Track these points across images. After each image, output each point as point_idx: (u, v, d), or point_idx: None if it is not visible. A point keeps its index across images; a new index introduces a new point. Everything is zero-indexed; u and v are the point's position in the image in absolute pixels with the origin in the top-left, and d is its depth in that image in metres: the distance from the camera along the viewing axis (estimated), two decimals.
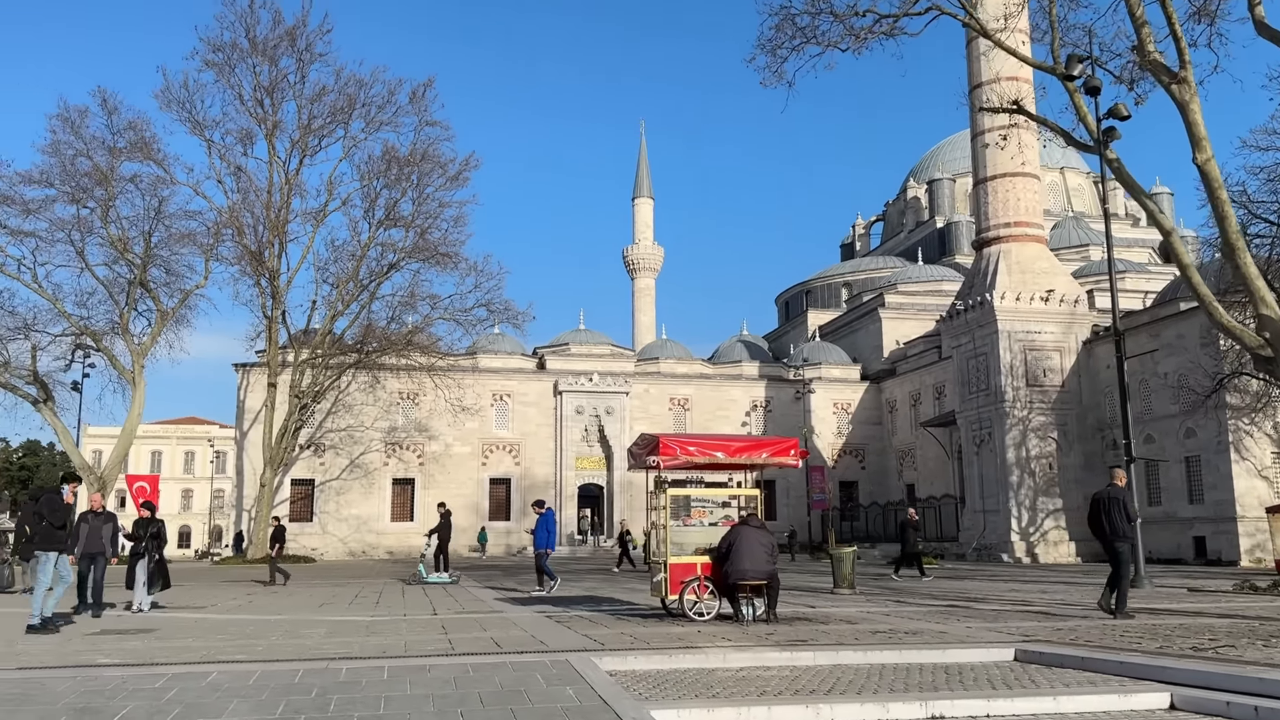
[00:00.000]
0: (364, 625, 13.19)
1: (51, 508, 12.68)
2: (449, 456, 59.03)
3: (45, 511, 12.72)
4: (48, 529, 12.61)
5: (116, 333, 46.91)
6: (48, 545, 12.57)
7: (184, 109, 46.15)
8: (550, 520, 20.26)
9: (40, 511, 12.75)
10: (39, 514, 12.73)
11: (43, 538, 12.61)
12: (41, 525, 12.64)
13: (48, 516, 12.66)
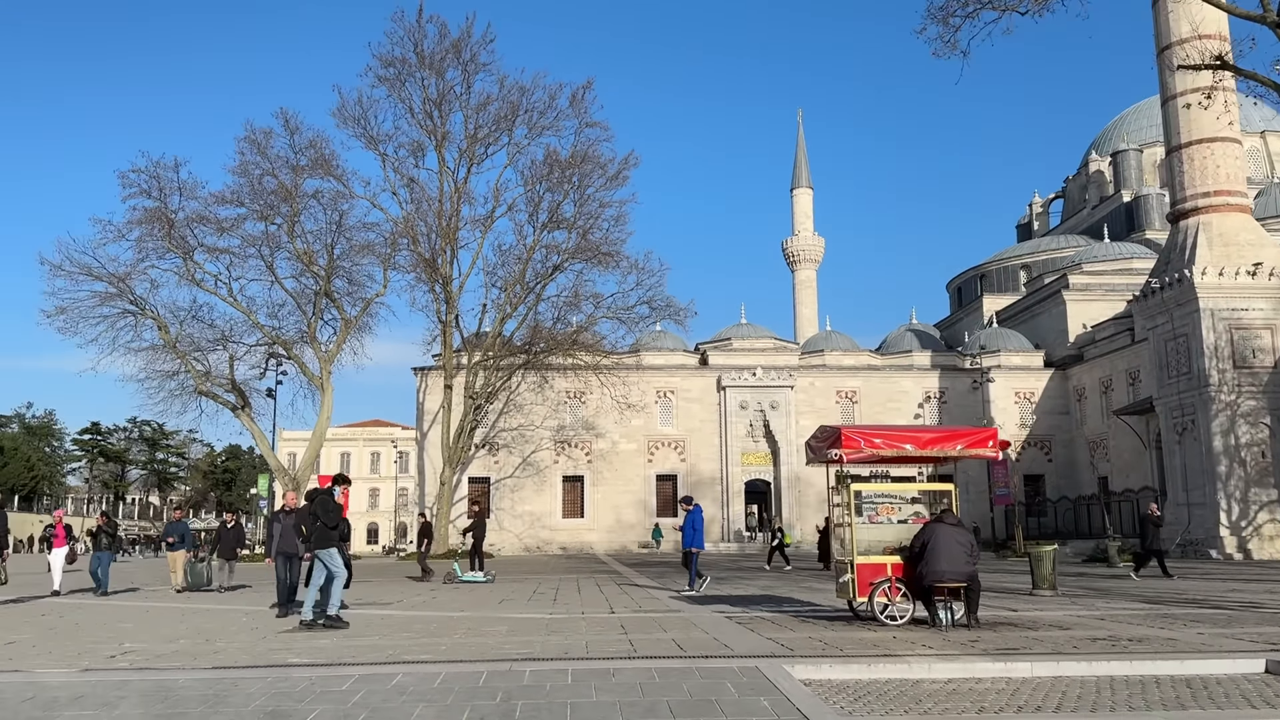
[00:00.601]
0: (543, 624, 13.03)
1: (325, 509, 12.97)
2: (615, 454, 59.47)
3: (319, 512, 12.97)
4: (322, 529, 12.86)
5: (305, 341, 49.50)
6: (323, 544, 12.81)
7: (359, 125, 48.28)
8: (698, 518, 19.75)
9: (315, 512, 13.02)
10: (314, 514, 13.00)
11: (318, 537, 12.85)
12: (316, 525, 12.90)
13: (322, 517, 12.92)
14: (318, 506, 13.08)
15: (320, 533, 12.92)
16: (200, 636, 11.95)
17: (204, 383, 47.67)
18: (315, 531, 12.92)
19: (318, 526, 12.92)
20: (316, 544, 12.87)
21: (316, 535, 12.91)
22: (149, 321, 47.16)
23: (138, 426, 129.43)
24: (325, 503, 13.14)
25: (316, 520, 12.95)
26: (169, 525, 22.85)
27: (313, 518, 13.03)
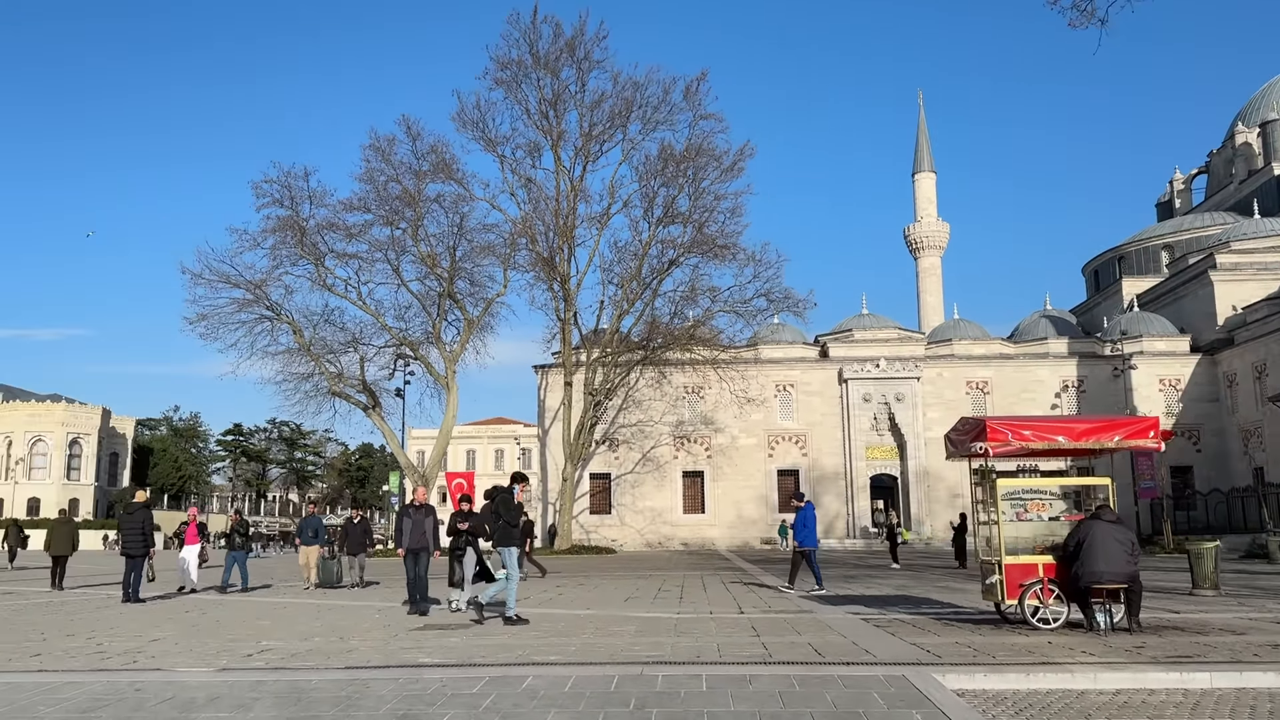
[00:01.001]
0: (671, 624, 12.70)
1: (506, 506, 12.91)
2: (735, 449, 58.86)
3: (501, 510, 12.91)
4: (504, 527, 12.80)
5: (431, 342, 50.61)
6: (505, 542, 12.77)
7: (477, 128, 49.02)
8: (809, 515, 19.08)
9: (497, 510, 12.97)
10: (496, 512, 12.96)
11: (500, 535, 12.80)
12: (499, 523, 12.85)
13: (504, 514, 12.86)
14: (499, 504, 12.98)
15: (503, 531, 12.79)
16: (334, 634, 12.07)
17: (337, 384, 49.23)
18: (498, 529, 12.82)
19: (500, 524, 12.81)
20: (499, 541, 12.80)
21: (499, 533, 12.79)
22: (284, 326, 48.99)
23: (277, 427, 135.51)
24: (507, 500, 13.02)
25: (499, 518, 12.86)
26: (302, 520, 22.79)
27: (495, 515, 12.96)
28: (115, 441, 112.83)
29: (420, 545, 14.70)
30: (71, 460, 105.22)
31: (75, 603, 17.93)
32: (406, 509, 14.97)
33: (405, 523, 14.84)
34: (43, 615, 15.20)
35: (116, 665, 9.23)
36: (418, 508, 15.02)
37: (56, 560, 23.03)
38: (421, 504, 15.11)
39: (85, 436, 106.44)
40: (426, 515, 14.90)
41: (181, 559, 21.26)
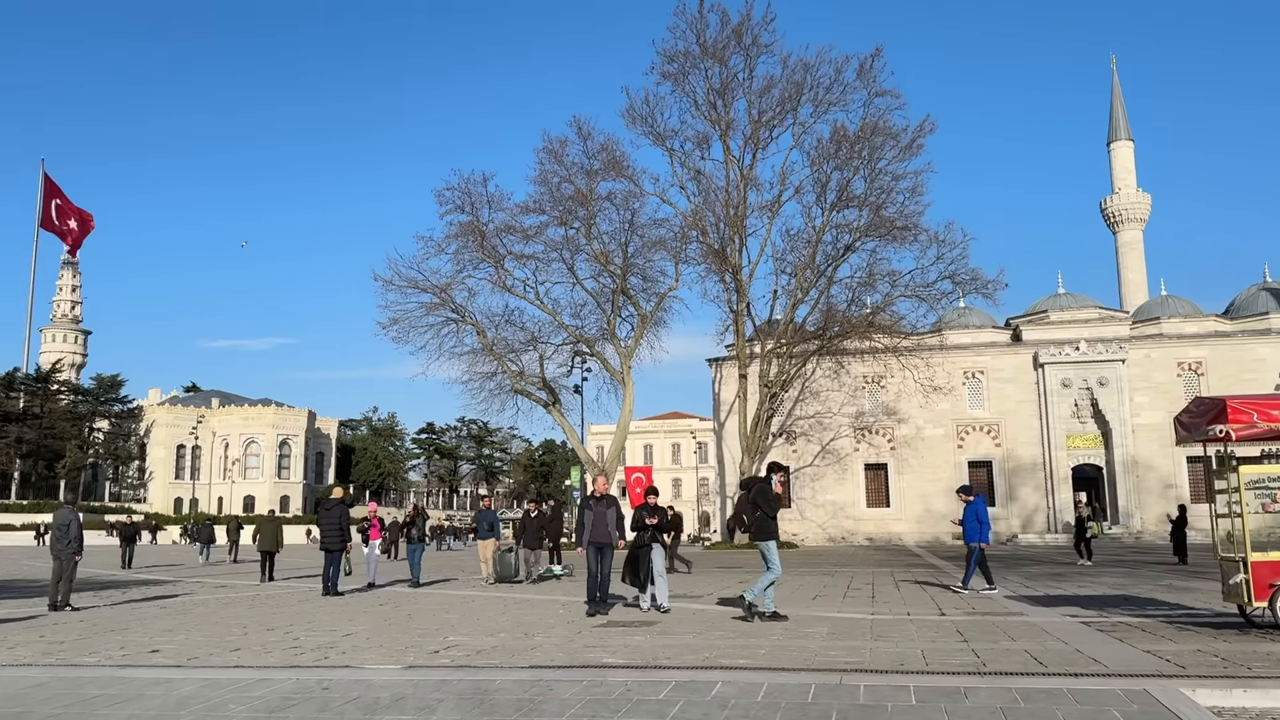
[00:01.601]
0: (866, 625, 11.90)
1: (765, 497, 12.26)
2: (920, 439, 56.55)
3: (760, 501, 12.25)
4: (763, 519, 12.20)
5: (606, 339, 51.09)
6: (763, 535, 12.21)
7: (646, 124, 49.01)
8: (981, 509, 17.57)
9: (755, 500, 12.32)
10: (754, 503, 12.30)
11: (759, 528, 12.23)
12: (757, 515, 12.25)
13: (762, 506, 12.22)
14: (757, 495, 12.31)
15: (761, 523, 12.18)
16: (519, 630, 11.95)
17: (518, 382, 50.41)
18: (756, 522, 12.20)
19: (758, 516, 12.18)
20: (757, 535, 12.23)
21: (758, 525, 12.18)
22: (469, 327, 50.57)
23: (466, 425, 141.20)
24: (764, 491, 12.32)
25: (757, 509, 12.20)
26: (478, 514, 22.56)
27: (753, 506, 12.30)
28: (321, 441, 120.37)
29: (603, 540, 13.87)
30: (282, 460, 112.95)
31: (279, 596, 18.77)
32: (587, 501, 14.11)
33: (586, 516, 13.92)
34: (248, 609, 15.91)
35: (309, 661, 9.33)
36: (599, 499, 14.06)
37: (265, 555, 24.79)
38: (603, 495, 14.15)
39: (293, 437, 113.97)
40: (608, 507, 13.95)
41: (367, 554, 21.88)
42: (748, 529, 12.57)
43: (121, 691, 7.53)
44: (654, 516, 13.92)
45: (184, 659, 9.60)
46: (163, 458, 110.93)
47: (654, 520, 13.87)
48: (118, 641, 11.18)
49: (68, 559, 15.64)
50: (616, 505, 14.08)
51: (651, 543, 13.82)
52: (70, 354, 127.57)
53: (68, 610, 15.25)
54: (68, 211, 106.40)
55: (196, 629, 12.62)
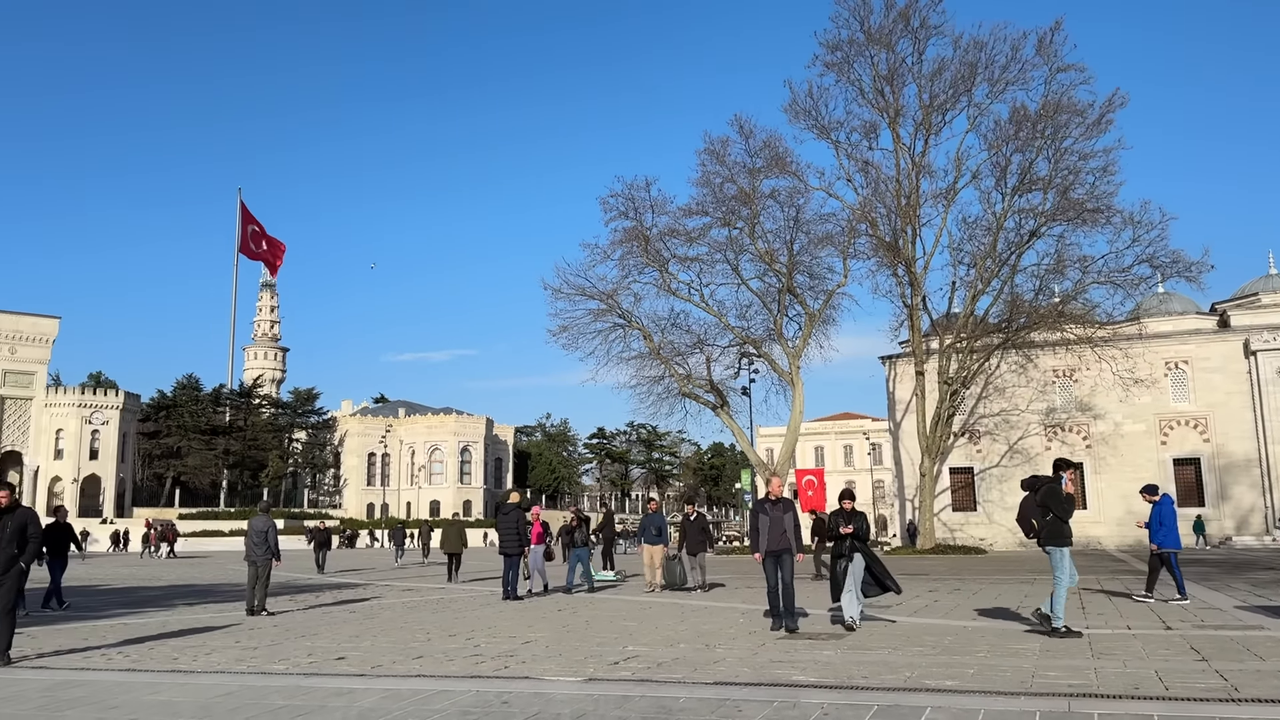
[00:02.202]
0: (1084, 641, 10.72)
1: (1054, 498, 11.09)
2: (1119, 436, 52.76)
3: (1050, 503, 11.14)
4: (1054, 523, 11.05)
5: (773, 339, 50.17)
6: (1055, 540, 11.06)
7: (810, 117, 47.81)
8: (1167, 510, 15.68)
9: (1044, 502, 11.17)
10: (1043, 505, 11.15)
11: (1050, 533, 11.07)
12: (1048, 519, 11.07)
13: (1053, 508, 11.09)
14: (1046, 496, 11.15)
15: (1053, 528, 10.99)
16: (700, 640, 11.43)
17: (686, 385, 50.15)
18: (1047, 526, 11.04)
19: (1049, 520, 11.03)
20: (1048, 540, 11.06)
21: (1049, 530, 11.02)
22: (635, 332, 50.71)
23: (635, 429, 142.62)
24: (1054, 491, 11.13)
25: (1047, 512, 11.05)
26: (645, 517, 21.55)
27: (1042, 509, 11.13)
28: (498, 447, 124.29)
29: (782, 547, 12.32)
30: (463, 465, 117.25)
31: (462, 600, 18.98)
32: (762, 504, 12.65)
33: (761, 520, 12.44)
34: (431, 613, 16.07)
35: (489, 671, 9.11)
36: (774, 503, 12.61)
37: (451, 557, 25.92)
38: (779, 498, 12.74)
39: (473, 444, 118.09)
40: (785, 511, 12.54)
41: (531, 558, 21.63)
42: (1036, 534, 11.27)
43: (305, 703, 7.46)
44: (850, 524, 12.52)
45: (368, 667, 9.57)
46: (355, 465, 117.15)
47: (849, 529, 12.48)
48: (306, 648, 11.37)
49: (264, 564, 16.25)
50: (794, 509, 12.79)
51: (851, 553, 12.42)
52: (270, 370, 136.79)
53: (264, 615, 15.83)
54: (263, 237, 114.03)
55: (382, 634, 12.75)
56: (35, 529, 10.33)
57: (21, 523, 10.20)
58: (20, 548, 10.13)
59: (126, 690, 8.28)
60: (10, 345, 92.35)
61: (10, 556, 10.04)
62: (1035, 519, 11.16)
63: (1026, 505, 11.52)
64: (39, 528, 10.47)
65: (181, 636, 12.66)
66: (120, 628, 14.01)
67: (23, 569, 10.21)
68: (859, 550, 12.48)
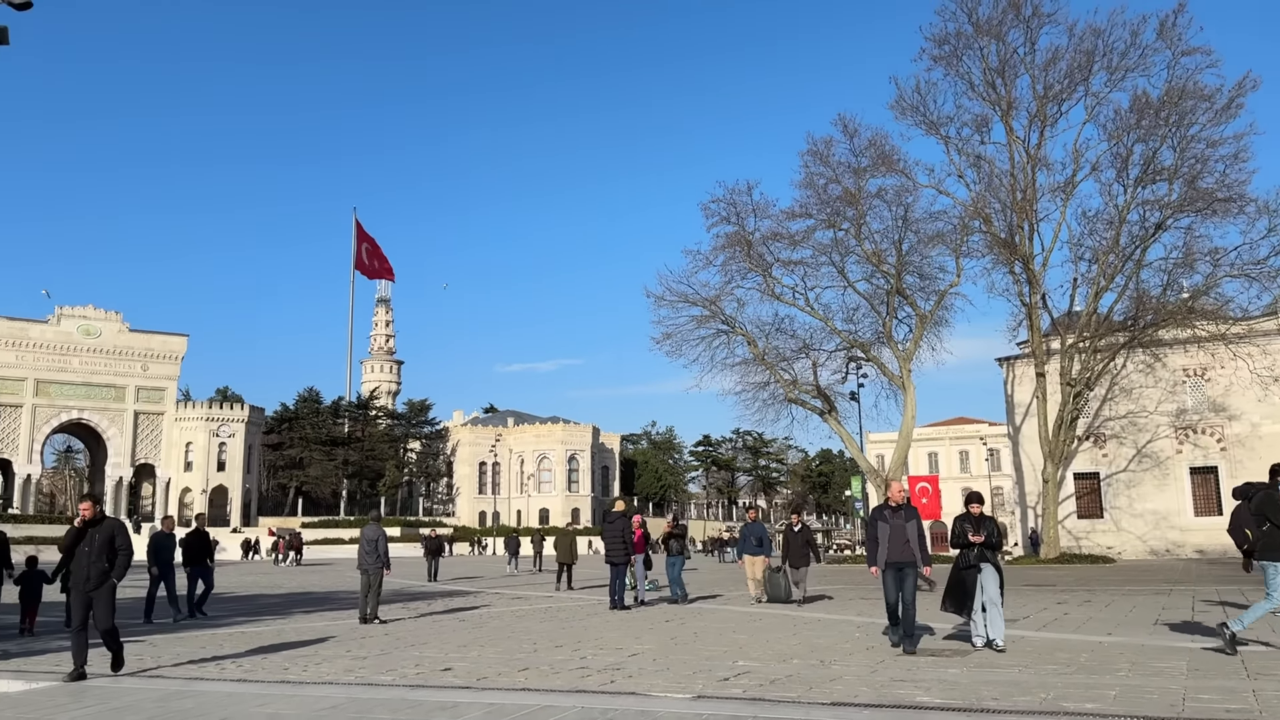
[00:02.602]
0: (1236, 661, 9.84)
1: (1273, 506, 10.15)
2: (1257, 438, 49.43)
3: (1268, 511, 10.13)
4: (1271, 533, 10.08)
5: (882, 342, 48.89)
6: (1273, 554, 10.12)
7: (917, 113, 46.41)
8: None
9: (1261, 511, 10.18)
10: (1259, 514, 10.22)
11: (1265, 544, 10.18)
12: (1264, 529, 10.17)
13: (1271, 517, 10.06)
14: (1262, 503, 10.19)
15: (1269, 538, 10.03)
16: (813, 655, 10.95)
17: (792, 391, 49.30)
18: (1263, 537, 10.12)
19: (1266, 530, 10.07)
20: (1263, 553, 10.14)
21: (1264, 542, 10.11)
22: (739, 338, 50.11)
23: (741, 436, 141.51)
24: (1271, 499, 10.16)
25: (1264, 522, 10.09)
26: (745, 526, 20.62)
27: (1259, 518, 10.19)
28: (605, 455, 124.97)
29: (904, 559, 11.20)
30: (570, 474, 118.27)
31: (569, 609, 18.84)
32: (881, 511, 11.56)
33: (880, 529, 11.34)
34: (539, 623, 15.96)
35: (594, 685, 8.85)
36: (895, 510, 11.47)
37: (562, 565, 26.57)
38: (899, 505, 11.56)
39: (580, 452, 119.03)
40: (908, 519, 11.39)
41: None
42: (1250, 547, 10.39)
43: (409, 717, 7.33)
44: (979, 531, 11.24)
45: (474, 679, 9.43)
46: (467, 474, 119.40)
47: (979, 537, 11.21)
48: (415, 658, 11.32)
49: (375, 572, 16.40)
50: (917, 516, 11.53)
51: (980, 563, 11.23)
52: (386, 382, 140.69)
53: (376, 623, 15.97)
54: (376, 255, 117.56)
55: (489, 644, 12.65)
56: (124, 540, 10.05)
57: (109, 534, 9.94)
58: (110, 560, 9.84)
59: (236, 701, 8.31)
60: (143, 363, 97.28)
61: (101, 571, 9.76)
62: (1249, 529, 10.18)
63: (1239, 514, 10.53)
64: (128, 539, 10.15)
65: (294, 646, 12.80)
66: (238, 636, 14.30)
67: (114, 584, 9.88)
68: (990, 560, 11.29)
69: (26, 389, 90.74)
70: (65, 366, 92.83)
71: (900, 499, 11.70)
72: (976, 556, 11.19)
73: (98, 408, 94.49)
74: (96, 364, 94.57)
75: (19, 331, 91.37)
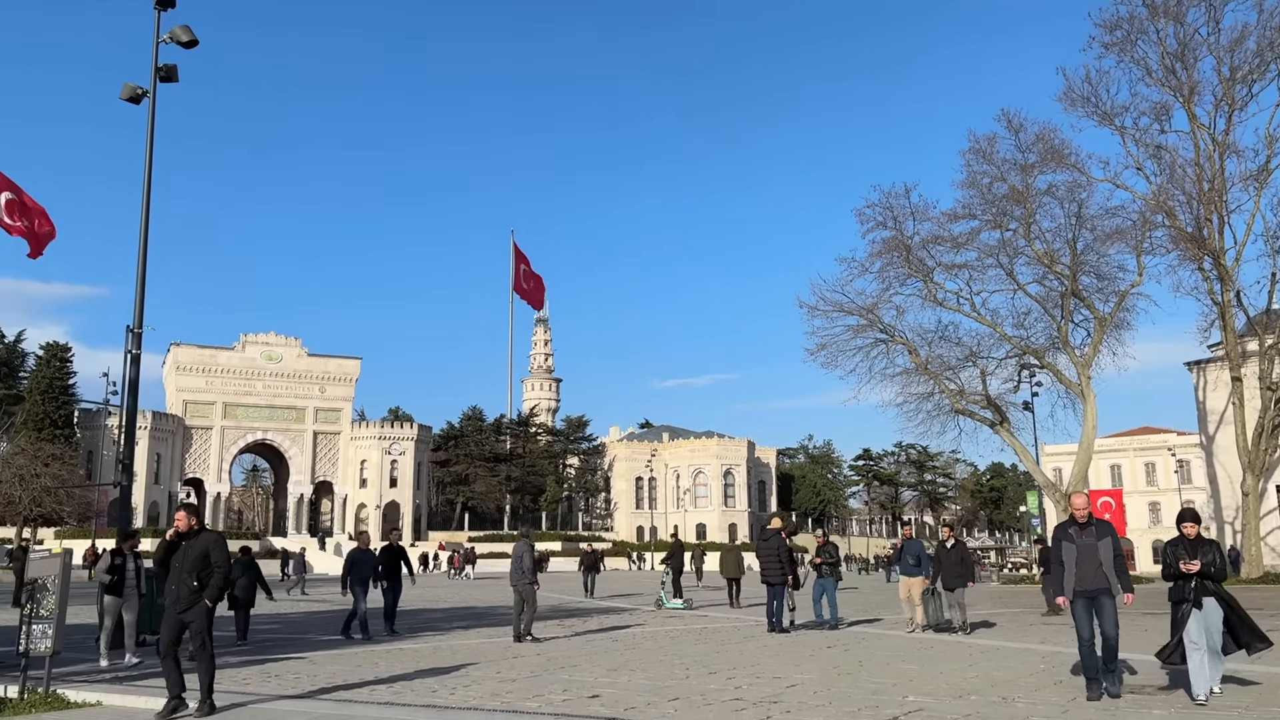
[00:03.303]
0: None
1: None
2: None
3: None
4: None
5: (1057, 348, 46.17)
6: None
7: (1088, 104, 43.90)
8: None
9: None
10: None
11: None
12: None
13: None
14: None
15: None
16: (994, 691, 9.92)
17: (959, 401, 47.13)
18: None
19: None
20: None
21: None
22: (899, 347, 48.30)
23: (904, 450, 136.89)
24: None
25: None
26: (902, 544, 18.86)
27: None
28: (761, 470, 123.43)
29: (1097, 586, 9.40)
30: (726, 489, 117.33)
31: (725, 630, 18.16)
32: (1065, 529, 9.78)
33: (1066, 550, 9.58)
34: (693, 644, 15.36)
35: None
36: (1083, 526, 9.62)
37: (731, 581, 26.46)
38: (1088, 520, 9.71)
39: (735, 467, 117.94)
40: (1101, 537, 9.53)
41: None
42: None
43: None
44: (1196, 557, 9.17)
45: (620, 709, 8.92)
46: (624, 489, 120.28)
47: (1194, 565, 9.11)
48: (563, 682, 10.92)
49: (525, 589, 16.21)
50: (1111, 533, 9.64)
51: (1200, 596, 9.14)
52: (546, 400, 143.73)
53: (528, 641, 15.74)
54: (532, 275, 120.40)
55: (640, 668, 12.14)
56: (220, 555, 9.01)
57: (203, 549, 8.94)
58: (201, 579, 8.82)
59: None
60: (320, 385, 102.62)
61: (190, 590, 8.77)
62: None
63: None
64: (225, 555, 9.11)
65: (445, 670, 12.60)
66: (395, 654, 14.32)
67: (208, 607, 8.85)
68: (1212, 593, 9.21)
69: (215, 412, 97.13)
70: (250, 390, 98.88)
71: (1084, 514, 9.79)
72: (1194, 590, 9.18)
73: (280, 428, 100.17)
74: (278, 387, 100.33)
75: (208, 358, 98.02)
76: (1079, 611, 9.51)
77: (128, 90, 17.04)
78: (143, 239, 17.02)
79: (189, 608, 8.80)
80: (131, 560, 14.17)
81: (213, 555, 8.95)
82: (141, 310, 16.99)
